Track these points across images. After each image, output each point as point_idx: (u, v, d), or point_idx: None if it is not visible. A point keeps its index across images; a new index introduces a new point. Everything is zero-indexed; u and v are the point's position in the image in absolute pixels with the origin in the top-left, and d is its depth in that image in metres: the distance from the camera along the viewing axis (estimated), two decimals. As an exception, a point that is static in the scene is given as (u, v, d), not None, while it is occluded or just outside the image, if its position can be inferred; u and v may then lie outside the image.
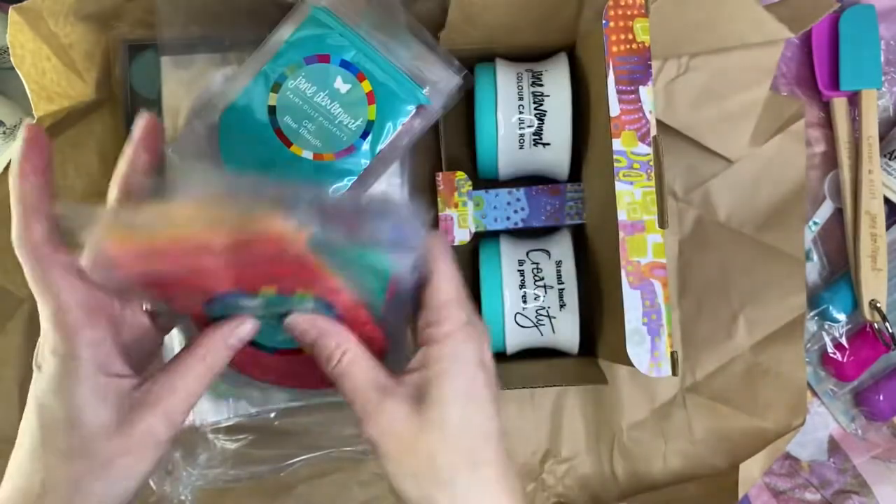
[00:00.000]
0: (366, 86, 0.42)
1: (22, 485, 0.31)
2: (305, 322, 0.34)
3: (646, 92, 0.42)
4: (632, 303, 0.41)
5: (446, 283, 0.34)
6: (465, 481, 0.32)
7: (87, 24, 0.48)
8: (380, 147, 0.43)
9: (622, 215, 0.42)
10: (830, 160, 0.58)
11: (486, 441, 0.33)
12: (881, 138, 0.56)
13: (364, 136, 0.42)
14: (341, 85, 0.42)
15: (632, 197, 0.42)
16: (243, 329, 0.34)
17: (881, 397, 0.57)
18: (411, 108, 0.43)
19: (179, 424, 0.32)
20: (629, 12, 0.42)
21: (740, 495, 0.50)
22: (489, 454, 0.33)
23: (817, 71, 0.58)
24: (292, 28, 0.42)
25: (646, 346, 0.41)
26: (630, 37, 0.42)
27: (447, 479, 0.32)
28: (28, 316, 0.52)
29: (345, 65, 0.42)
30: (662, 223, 0.42)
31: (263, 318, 0.34)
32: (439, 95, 0.43)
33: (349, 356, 0.34)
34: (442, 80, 0.43)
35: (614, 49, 0.42)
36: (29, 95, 0.44)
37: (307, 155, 0.42)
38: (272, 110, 0.42)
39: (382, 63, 0.43)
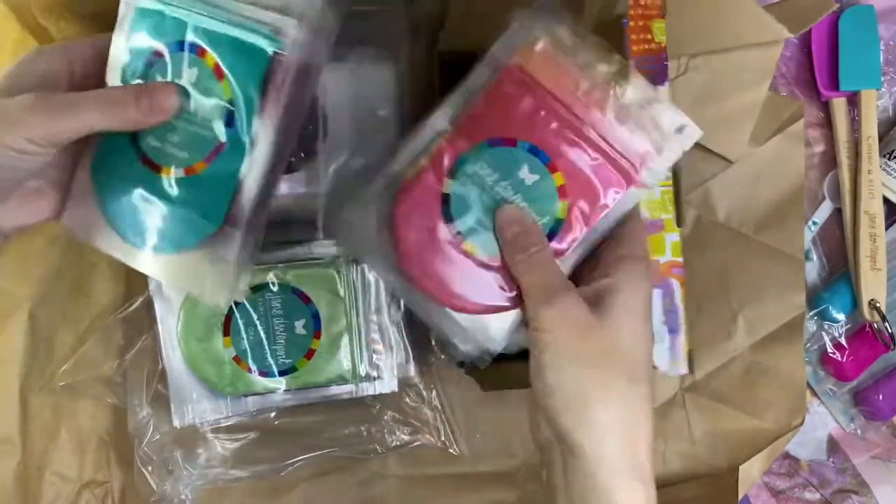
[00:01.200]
0: (209, 60, 0.35)
1: None
2: (512, 214, 0.36)
3: (663, 92, 0.41)
4: (653, 301, 0.41)
5: (641, 227, 0.37)
6: (622, 389, 0.33)
7: (84, 23, 0.48)
8: (256, 123, 0.35)
9: (644, 213, 0.41)
10: (830, 160, 0.58)
11: (647, 361, 0.35)
12: (880, 138, 0.56)
13: (229, 123, 0.36)
14: (187, 71, 0.35)
15: (651, 195, 0.41)
16: (162, 93, 0.35)
17: (880, 397, 0.57)
18: (264, 62, 0.35)
19: (55, 138, 0.33)
20: (648, 13, 0.41)
21: (740, 495, 0.50)
22: (645, 374, 0.34)
23: (817, 71, 0.58)
24: (124, 38, 0.37)
25: (665, 345, 0.41)
26: (649, 37, 0.42)
27: (607, 382, 0.33)
28: (28, 316, 0.52)
29: (181, 47, 0.36)
30: (679, 222, 0.41)
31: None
32: (296, 26, 0.35)
33: (545, 252, 0.36)
34: (289, 4, 0.35)
35: (635, 49, 0.42)
36: None
37: (178, 173, 0.36)
38: (133, 137, 0.36)
39: (216, 25, 0.35)
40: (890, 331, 0.55)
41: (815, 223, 0.58)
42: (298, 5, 0.35)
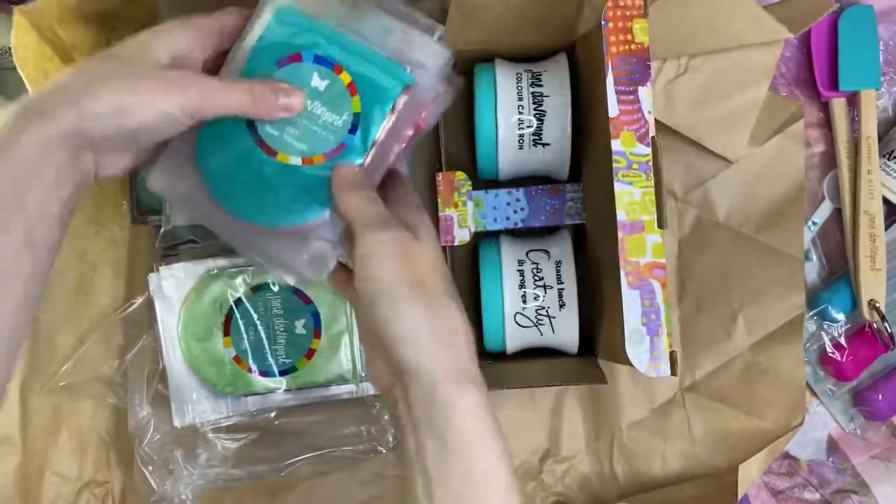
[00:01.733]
0: (344, 77, 0.40)
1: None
2: (346, 167, 0.40)
3: (644, 92, 0.42)
4: (631, 303, 0.41)
5: (411, 185, 0.43)
6: (443, 306, 0.37)
7: (88, 25, 0.48)
8: (373, 138, 0.40)
9: (621, 215, 0.42)
10: (829, 160, 0.58)
11: (452, 281, 0.39)
12: (880, 138, 0.56)
13: (353, 130, 0.40)
14: (319, 82, 0.40)
15: (631, 197, 0.42)
16: (296, 96, 0.39)
17: (880, 397, 0.57)
18: (398, 91, 0.40)
19: (198, 113, 0.36)
20: (628, 13, 0.42)
21: (740, 495, 0.50)
22: (454, 291, 0.39)
23: (816, 71, 0.58)
24: (257, 33, 0.41)
25: (645, 346, 0.41)
26: (629, 37, 0.42)
27: (431, 301, 0.37)
28: (29, 316, 0.52)
29: (319, 60, 0.40)
30: (661, 224, 0.42)
31: None
32: (426, 72, 0.41)
33: (374, 192, 0.39)
34: (426, 54, 0.41)
35: (613, 50, 0.42)
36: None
37: (295, 161, 0.40)
38: (251, 123, 0.40)
39: (357, 50, 0.40)
40: (889, 331, 0.55)
41: (814, 223, 0.58)
42: (426, 53, 0.41)
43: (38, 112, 0.33)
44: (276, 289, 0.52)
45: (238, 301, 0.51)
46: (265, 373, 0.52)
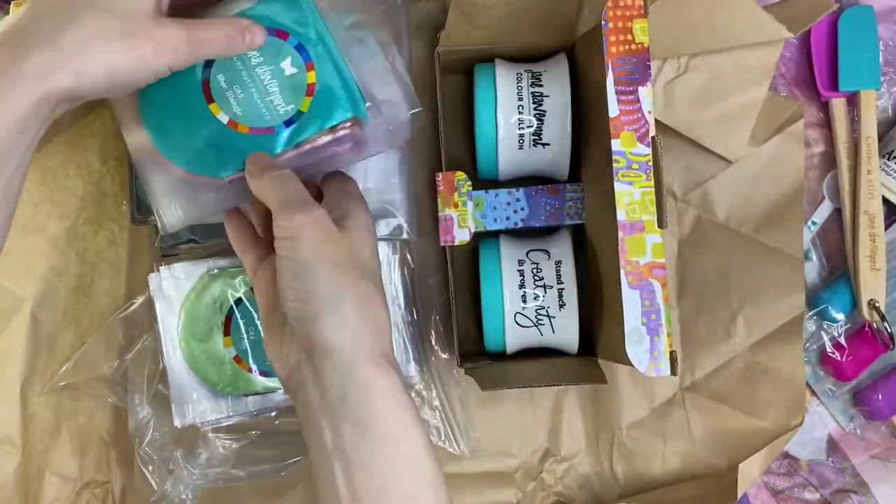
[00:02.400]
0: (311, 76, 0.41)
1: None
2: (262, 154, 0.40)
3: (645, 92, 0.42)
4: (631, 303, 0.41)
5: (350, 180, 0.43)
6: (366, 290, 0.37)
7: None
8: (301, 140, 0.41)
9: (621, 215, 0.42)
10: (829, 160, 0.58)
11: (379, 270, 0.40)
12: (880, 139, 0.56)
13: (288, 123, 0.41)
14: (288, 66, 0.41)
15: (631, 197, 0.42)
16: (262, 35, 0.39)
17: (880, 397, 0.57)
18: (346, 117, 0.41)
19: (189, 57, 0.36)
20: (628, 13, 0.42)
21: (739, 495, 0.50)
22: (380, 280, 0.40)
23: (816, 71, 0.58)
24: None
25: (645, 346, 0.41)
26: (629, 37, 0.42)
27: (355, 282, 0.37)
28: (28, 316, 0.52)
29: (299, 48, 0.41)
30: (661, 223, 0.42)
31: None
32: (382, 119, 0.42)
33: (294, 176, 0.39)
34: (389, 103, 0.42)
35: (613, 49, 0.42)
36: None
37: (222, 118, 0.41)
38: (209, 62, 0.41)
39: (336, 61, 0.41)
40: (889, 331, 0.55)
41: (814, 223, 0.58)
42: (390, 102, 0.42)
43: (36, 74, 0.33)
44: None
45: (238, 301, 0.51)
46: (265, 373, 0.51)
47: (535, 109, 0.48)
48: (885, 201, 0.56)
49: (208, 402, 0.52)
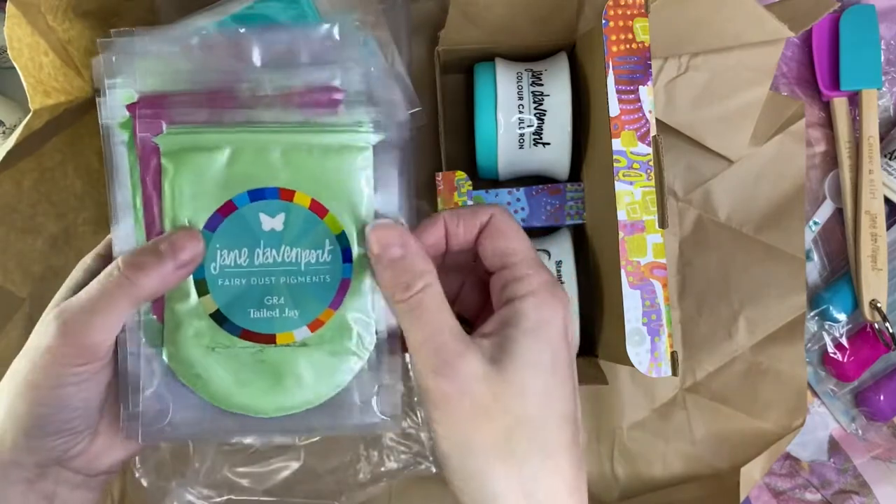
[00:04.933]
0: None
1: None
2: (393, 235, 0.30)
3: (645, 92, 0.42)
4: (632, 303, 0.41)
5: (521, 241, 0.31)
6: (535, 467, 0.28)
7: (85, 21, 0.48)
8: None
9: (622, 215, 0.41)
10: (831, 160, 0.58)
11: (564, 425, 0.29)
12: (881, 138, 0.56)
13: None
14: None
15: (631, 197, 0.42)
16: (190, 238, 0.31)
17: (881, 397, 0.57)
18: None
19: (99, 349, 0.31)
20: (629, 12, 0.42)
21: (742, 497, 0.50)
22: (565, 441, 0.29)
23: (818, 71, 0.58)
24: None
25: (646, 346, 0.41)
26: (630, 36, 0.42)
27: (519, 461, 0.28)
28: (28, 316, 0.52)
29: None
30: (662, 223, 0.42)
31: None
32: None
33: (434, 290, 0.29)
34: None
35: (614, 49, 0.42)
36: (25, 88, 0.43)
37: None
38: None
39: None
40: (891, 331, 0.55)
41: (816, 223, 0.58)
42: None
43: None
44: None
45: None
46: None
47: (535, 109, 0.48)
48: (887, 201, 0.56)
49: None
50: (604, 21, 0.42)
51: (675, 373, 0.41)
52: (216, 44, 0.32)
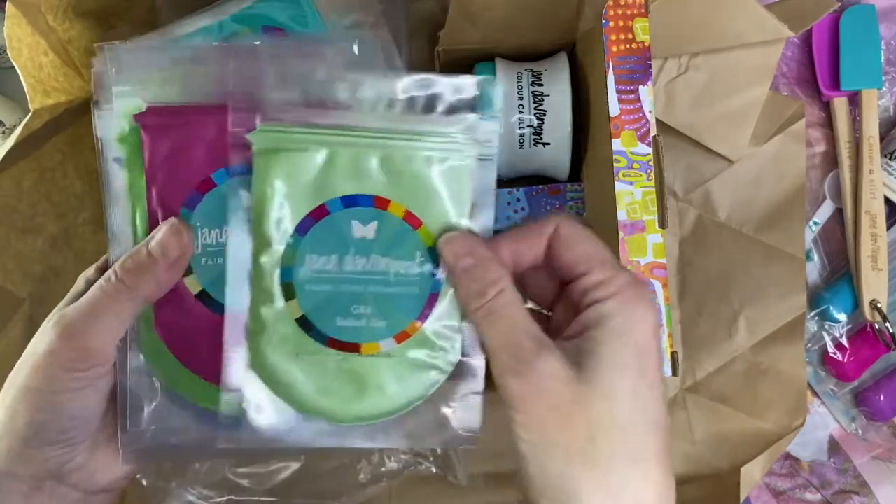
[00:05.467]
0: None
1: None
2: (465, 243, 0.30)
3: (645, 92, 0.42)
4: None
5: (595, 244, 0.30)
6: (623, 474, 0.27)
7: (86, 21, 0.48)
8: None
9: (622, 215, 0.41)
10: (831, 160, 0.58)
11: (654, 431, 0.28)
12: (881, 138, 0.56)
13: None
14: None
15: (631, 197, 0.41)
16: (179, 239, 0.32)
17: (881, 397, 0.57)
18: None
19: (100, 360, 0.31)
20: (629, 12, 0.42)
21: (742, 497, 0.50)
22: (655, 448, 0.28)
23: (818, 71, 0.58)
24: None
25: None
26: (630, 36, 0.42)
27: (604, 467, 0.27)
28: (28, 316, 0.52)
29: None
30: (662, 223, 0.42)
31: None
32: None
33: (508, 296, 0.29)
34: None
35: (614, 49, 0.42)
36: (25, 88, 0.43)
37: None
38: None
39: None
40: (891, 331, 0.55)
41: (816, 223, 0.58)
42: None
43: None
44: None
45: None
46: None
47: (535, 108, 0.48)
48: (887, 201, 0.56)
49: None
50: (604, 21, 0.42)
51: (675, 373, 0.41)
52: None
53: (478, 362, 0.32)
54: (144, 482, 0.52)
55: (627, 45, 0.42)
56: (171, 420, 0.33)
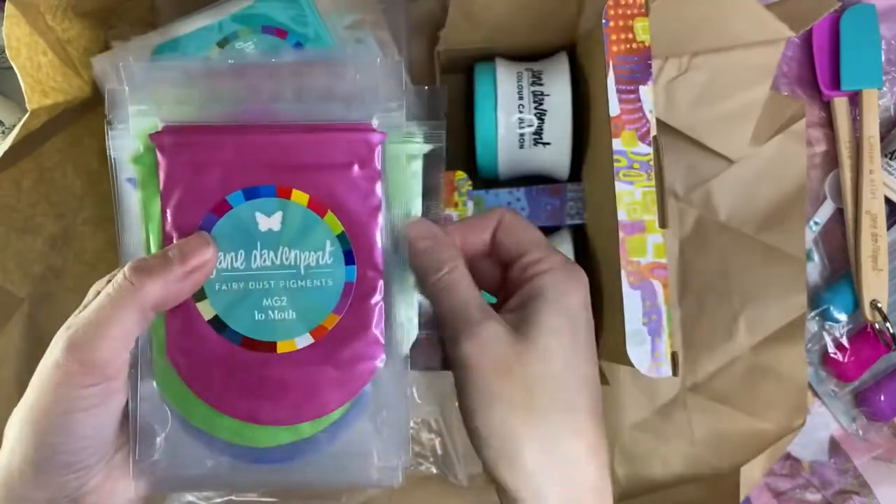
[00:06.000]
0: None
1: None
2: (424, 227, 0.33)
3: (646, 91, 0.42)
4: (632, 303, 0.41)
5: (534, 232, 0.34)
6: (557, 422, 0.30)
7: (85, 21, 0.48)
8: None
9: (622, 215, 0.41)
10: (831, 160, 0.58)
11: (585, 386, 0.31)
12: (882, 138, 0.56)
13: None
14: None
15: (632, 197, 0.41)
16: (205, 249, 0.30)
17: (882, 397, 0.57)
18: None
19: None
20: (629, 11, 0.42)
21: (742, 497, 0.50)
22: (587, 402, 0.31)
23: (818, 70, 0.57)
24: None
25: (646, 347, 0.41)
26: (630, 36, 0.42)
27: (541, 416, 0.30)
28: (27, 316, 0.52)
29: (298, 47, 0.39)
30: (663, 223, 0.41)
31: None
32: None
33: (460, 271, 0.32)
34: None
35: (614, 48, 0.42)
36: (23, 88, 0.43)
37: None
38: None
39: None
40: (892, 331, 0.55)
41: (816, 223, 0.58)
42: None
43: None
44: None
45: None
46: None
47: (535, 108, 0.48)
48: (888, 201, 0.56)
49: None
50: (604, 21, 0.42)
51: (675, 373, 0.41)
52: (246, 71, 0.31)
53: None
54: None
55: (628, 45, 0.42)
56: (184, 449, 0.31)
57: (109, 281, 0.32)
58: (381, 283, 0.32)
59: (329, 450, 0.32)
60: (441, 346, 0.34)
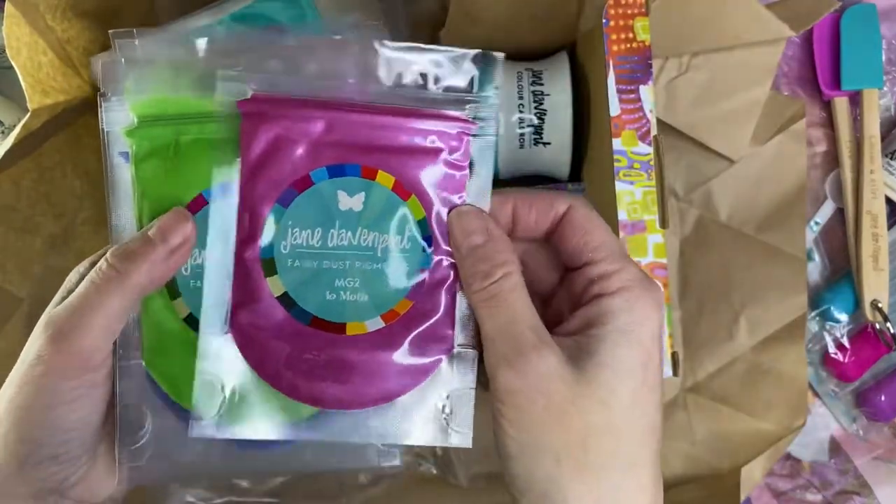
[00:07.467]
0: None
1: None
2: (477, 220, 0.28)
3: (646, 91, 0.41)
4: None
5: (607, 234, 0.28)
6: (614, 482, 0.26)
7: (85, 21, 0.48)
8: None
9: (622, 215, 0.41)
10: (832, 160, 0.58)
11: (650, 437, 0.27)
12: (882, 138, 0.56)
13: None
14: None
15: (632, 197, 0.41)
16: (184, 225, 0.29)
17: (883, 398, 0.56)
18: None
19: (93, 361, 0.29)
20: (630, 11, 0.42)
21: (742, 497, 0.50)
22: (649, 455, 0.27)
23: (818, 70, 0.57)
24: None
25: None
26: (630, 36, 0.42)
27: (594, 474, 0.25)
28: (27, 316, 0.52)
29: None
30: (663, 223, 0.41)
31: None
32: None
33: (514, 280, 0.27)
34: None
35: (614, 48, 0.42)
36: (23, 88, 0.43)
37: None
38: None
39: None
40: (892, 331, 0.55)
41: (817, 223, 0.58)
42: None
43: None
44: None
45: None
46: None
47: (535, 108, 0.48)
48: (888, 201, 0.56)
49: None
50: (604, 20, 0.41)
51: (675, 373, 0.41)
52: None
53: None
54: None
55: (628, 45, 0.42)
56: (173, 436, 0.31)
57: (92, 264, 0.31)
58: (454, 273, 0.30)
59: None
60: (480, 362, 0.29)
